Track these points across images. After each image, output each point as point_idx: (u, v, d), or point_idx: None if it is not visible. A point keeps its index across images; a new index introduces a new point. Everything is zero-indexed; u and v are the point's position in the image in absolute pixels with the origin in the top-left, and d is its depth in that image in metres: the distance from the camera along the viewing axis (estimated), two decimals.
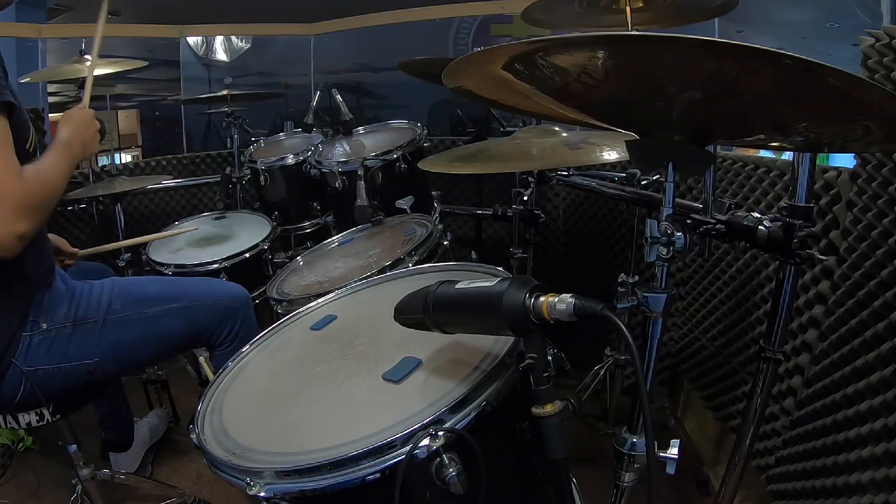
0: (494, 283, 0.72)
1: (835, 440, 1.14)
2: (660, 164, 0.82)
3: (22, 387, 1.20)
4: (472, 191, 2.73)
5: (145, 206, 3.00)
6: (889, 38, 1.07)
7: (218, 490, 1.77)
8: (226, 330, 1.44)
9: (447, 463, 0.67)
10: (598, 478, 1.10)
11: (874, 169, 1.09)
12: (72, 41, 2.36)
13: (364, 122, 2.53)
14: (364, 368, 0.89)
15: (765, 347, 1.06)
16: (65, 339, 1.23)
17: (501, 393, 0.75)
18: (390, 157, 1.94)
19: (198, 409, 0.90)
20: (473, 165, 1.37)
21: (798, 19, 2.52)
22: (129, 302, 1.32)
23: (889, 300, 1.02)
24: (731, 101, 0.66)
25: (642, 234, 0.83)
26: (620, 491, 0.94)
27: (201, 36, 3.48)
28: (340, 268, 1.57)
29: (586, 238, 2.45)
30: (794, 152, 1.00)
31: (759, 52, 0.51)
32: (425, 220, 1.73)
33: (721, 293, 1.70)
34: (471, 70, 0.78)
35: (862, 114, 0.60)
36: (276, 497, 0.70)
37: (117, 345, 1.29)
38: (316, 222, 2.45)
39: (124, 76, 3.24)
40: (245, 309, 1.49)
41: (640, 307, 0.82)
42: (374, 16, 3.22)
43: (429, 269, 1.21)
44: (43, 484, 1.87)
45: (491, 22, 3.09)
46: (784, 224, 0.91)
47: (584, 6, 1.68)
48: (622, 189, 1.45)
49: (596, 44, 0.61)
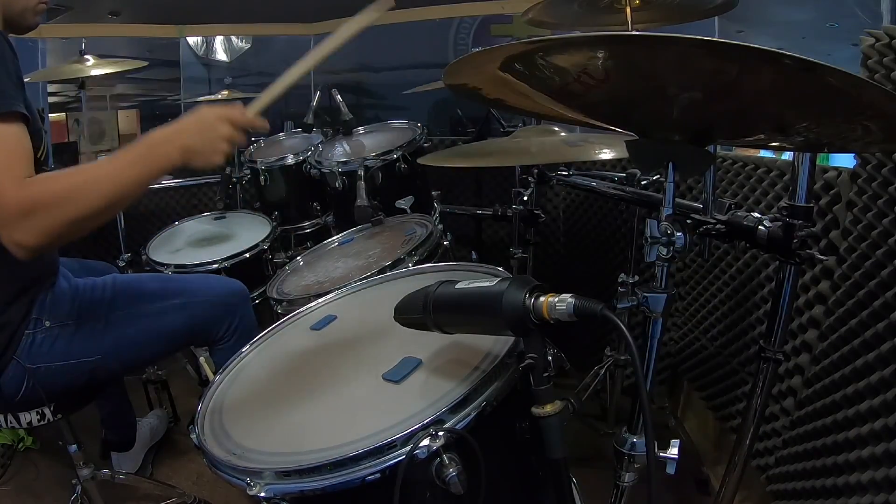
0: (494, 283, 0.72)
1: (835, 440, 1.14)
2: (660, 164, 0.82)
3: (24, 384, 1.20)
4: (472, 191, 2.73)
5: (145, 205, 3.00)
6: (889, 38, 1.07)
7: (218, 490, 1.77)
8: (225, 325, 1.44)
9: (447, 463, 0.67)
10: (598, 478, 1.10)
11: (874, 169, 1.09)
12: (72, 41, 2.36)
13: (364, 122, 2.53)
14: (364, 368, 0.89)
15: (765, 347, 1.06)
16: (67, 337, 1.24)
17: (501, 393, 0.75)
18: (390, 157, 1.94)
19: (198, 409, 0.90)
20: (472, 159, 1.37)
21: (798, 19, 2.52)
22: (131, 299, 1.33)
23: (889, 300, 1.02)
24: (731, 101, 0.66)
25: (642, 234, 0.83)
26: (620, 491, 0.94)
27: (201, 36, 3.48)
28: (340, 268, 1.57)
29: (586, 238, 2.45)
30: (794, 152, 1.00)
31: (759, 52, 0.51)
32: (425, 220, 1.73)
33: (721, 293, 1.70)
34: (471, 70, 0.78)
35: (862, 114, 0.60)
36: (276, 497, 0.70)
37: (119, 342, 1.29)
38: (316, 222, 2.45)
39: (124, 76, 3.23)
40: (244, 304, 1.50)
41: (640, 307, 0.82)
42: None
43: (429, 269, 1.21)
44: (43, 484, 1.87)
45: (491, 22, 3.09)
46: (784, 224, 0.91)
47: (583, 6, 1.67)
48: (622, 189, 1.45)
49: (596, 44, 0.61)
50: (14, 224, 0.88)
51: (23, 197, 0.88)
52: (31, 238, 0.89)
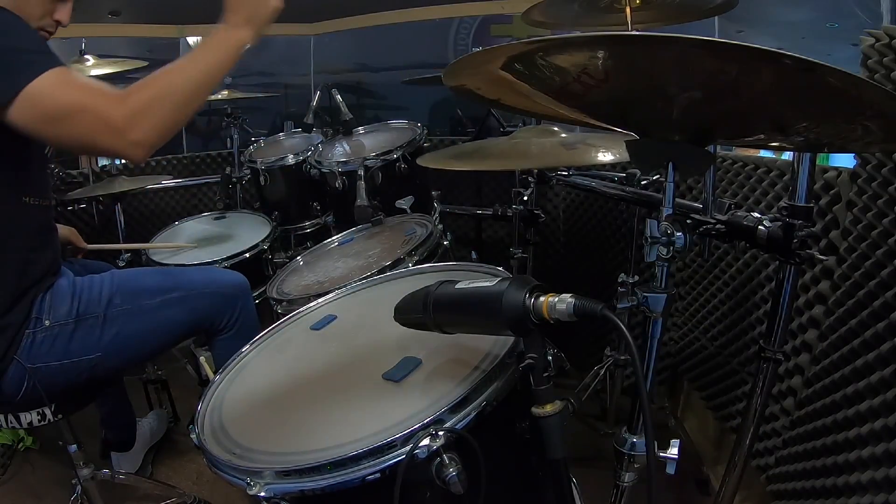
0: (494, 283, 0.72)
1: (835, 440, 1.14)
2: (660, 164, 0.82)
3: (24, 384, 1.20)
4: (472, 191, 2.73)
5: (145, 206, 3.00)
6: (889, 38, 1.07)
7: (218, 490, 1.77)
8: (225, 317, 1.44)
9: (447, 463, 0.67)
10: (598, 478, 1.10)
11: (874, 169, 1.09)
12: (72, 41, 2.36)
13: (364, 122, 2.53)
14: (364, 368, 0.89)
15: (765, 347, 1.06)
16: (67, 336, 1.24)
17: (501, 393, 0.75)
18: (390, 157, 1.94)
19: (198, 409, 0.90)
20: (472, 162, 1.37)
21: (798, 19, 2.52)
22: (129, 295, 1.32)
23: (889, 300, 1.02)
24: (731, 101, 0.66)
25: (642, 234, 0.83)
26: (620, 491, 0.94)
27: (201, 36, 3.48)
28: (340, 268, 1.57)
29: (586, 238, 2.45)
30: (794, 152, 1.00)
31: (759, 52, 0.51)
32: (425, 220, 1.73)
33: (721, 293, 1.70)
34: (471, 70, 0.78)
35: (862, 114, 0.60)
36: (276, 497, 0.70)
37: (119, 338, 1.29)
38: (316, 222, 2.45)
39: (124, 76, 3.23)
40: (244, 296, 1.51)
41: (640, 307, 0.82)
42: (374, 16, 3.22)
43: (429, 269, 1.21)
44: (43, 484, 1.87)
45: (491, 22, 3.09)
46: (784, 224, 0.91)
47: (583, 6, 1.67)
48: (622, 189, 1.45)
49: (596, 44, 0.61)
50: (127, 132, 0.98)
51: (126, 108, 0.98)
52: (143, 136, 0.99)
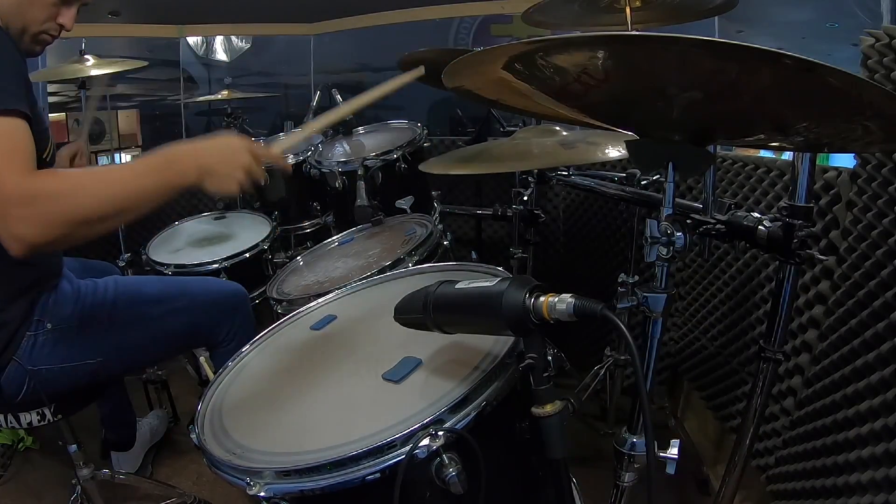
0: (494, 283, 0.72)
1: (835, 440, 1.14)
2: (660, 164, 0.82)
3: (25, 386, 1.21)
4: (472, 191, 2.73)
5: None
6: (889, 38, 1.07)
7: (218, 490, 1.77)
8: (225, 328, 1.44)
9: (447, 463, 0.67)
10: (598, 478, 1.10)
11: (874, 169, 1.09)
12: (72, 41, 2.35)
13: (364, 122, 2.52)
14: (364, 368, 0.89)
15: (765, 347, 1.06)
16: (69, 339, 1.24)
17: (501, 393, 0.75)
18: (390, 157, 1.94)
19: (198, 409, 0.90)
20: (473, 166, 1.37)
21: (798, 19, 2.52)
22: (132, 302, 1.33)
23: (889, 300, 1.02)
24: (731, 101, 0.66)
25: (642, 234, 0.83)
26: (620, 491, 0.94)
27: (201, 36, 3.48)
28: (340, 268, 1.57)
29: (586, 238, 2.45)
30: (794, 152, 1.00)
31: (759, 52, 0.51)
32: (425, 220, 1.72)
33: (721, 293, 1.69)
34: (471, 70, 0.78)
35: (862, 114, 0.60)
36: (276, 497, 0.70)
37: (120, 344, 1.29)
38: (316, 222, 2.44)
39: (124, 76, 3.23)
40: (243, 306, 1.51)
41: (640, 307, 0.82)
42: (374, 16, 3.22)
43: (429, 269, 1.21)
44: (43, 484, 1.87)
45: (491, 22, 3.09)
46: (784, 224, 0.91)
47: (583, 6, 1.67)
48: (622, 189, 1.45)
49: (596, 44, 0.61)
50: (13, 214, 0.84)
51: (24, 187, 0.85)
52: (29, 231, 0.84)
